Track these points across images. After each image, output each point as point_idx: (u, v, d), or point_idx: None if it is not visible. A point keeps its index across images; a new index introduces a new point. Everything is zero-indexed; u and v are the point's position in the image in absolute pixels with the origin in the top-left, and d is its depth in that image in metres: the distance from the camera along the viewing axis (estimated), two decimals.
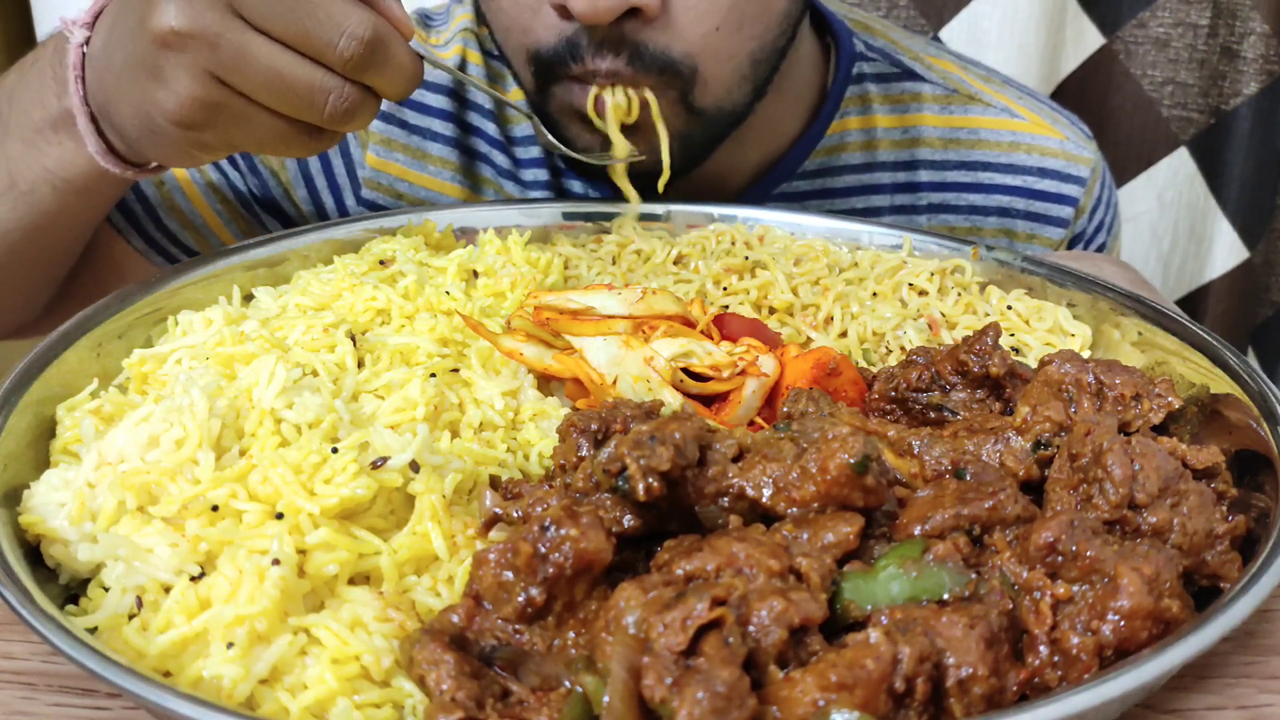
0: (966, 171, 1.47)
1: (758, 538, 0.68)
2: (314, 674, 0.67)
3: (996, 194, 1.47)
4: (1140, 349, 1.04)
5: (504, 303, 1.07)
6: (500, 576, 0.68)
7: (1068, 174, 1.47)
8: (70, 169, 1.07)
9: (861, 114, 1.46)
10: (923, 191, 1.48)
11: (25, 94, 1.07)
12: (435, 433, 0.84)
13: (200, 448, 0.76)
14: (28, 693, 0.72)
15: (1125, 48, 2.11)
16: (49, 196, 1.09)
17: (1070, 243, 1.51)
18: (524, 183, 1.46)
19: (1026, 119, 1.48)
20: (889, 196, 1.47)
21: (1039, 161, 1.47)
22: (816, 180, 1.45)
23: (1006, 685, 0.63)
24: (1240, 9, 2.04)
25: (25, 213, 1.10)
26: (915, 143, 1.47)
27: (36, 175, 1.08)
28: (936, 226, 1.47)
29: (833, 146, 1.45)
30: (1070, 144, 1.48)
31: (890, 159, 1.46)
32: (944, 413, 0.91)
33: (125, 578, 0.71)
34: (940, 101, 1.47)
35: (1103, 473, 0.73)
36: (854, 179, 1.46)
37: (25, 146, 1.07)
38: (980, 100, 1.48)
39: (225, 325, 0.95)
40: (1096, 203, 1.51)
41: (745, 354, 0.96)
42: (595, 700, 0.61)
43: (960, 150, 1.47)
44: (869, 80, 1.46)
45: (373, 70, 0.89)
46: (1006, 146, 1.47)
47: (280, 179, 1.45)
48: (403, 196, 1.46)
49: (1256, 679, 0.74)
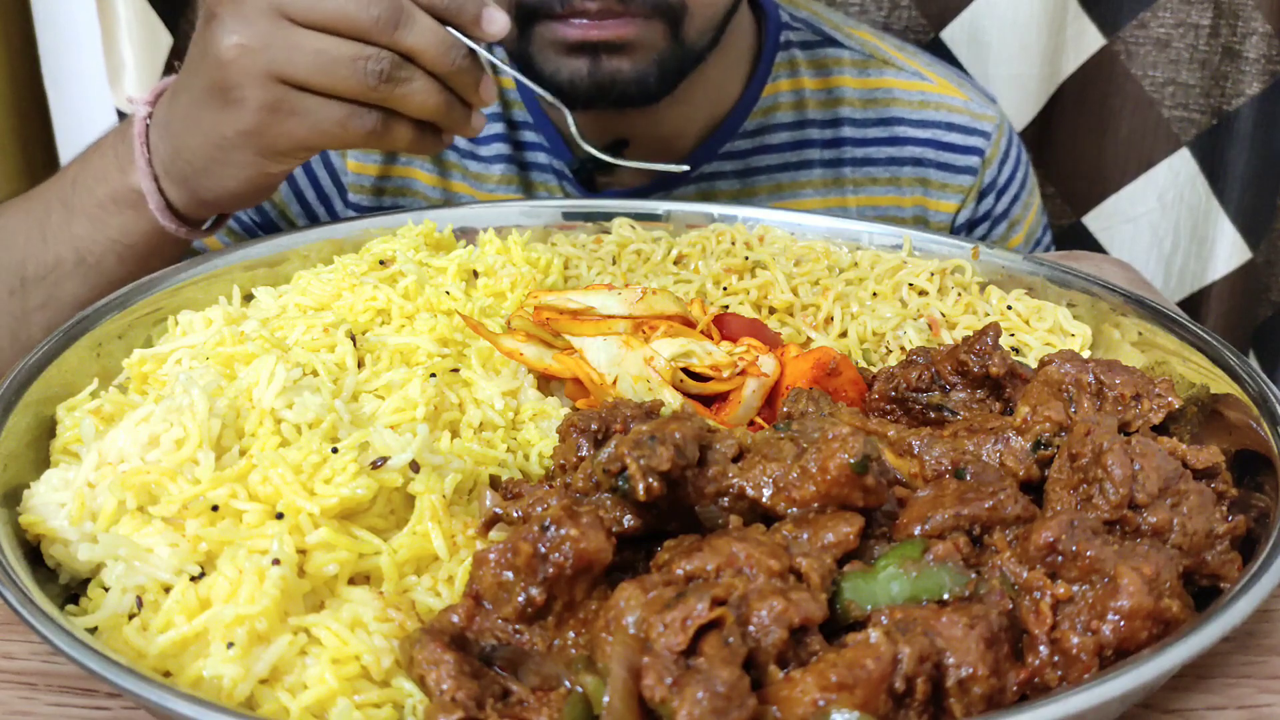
0: (884, 127, 1.62)
1: (758, 538, 0.68)
2: (314, 674, 0.67)
3: (910, 146, 1.62)
4: (1140, 349, 1.04)
5: (504, 303, 1.07)
6: (500, 576, 0.68)
7: (973, 128, 1.62)
8: (133, 235, 1.17)
9: (791, 77, 1.60)
10: (847, 146, 1.62)
11: (88, 176, 1.19)
12: (435, 433, 0.84)
13: (200, 448, 0.76)
14: (28, 693, 0.72)
15: (1126, 48, 2.11)
16: (115, 265, 1.19)
17: (982, 193, 1.64)
18: (483, 159, 1.58)
19: (934, 81, 1.64)
20: (819, 150, 1.61)
21: (946, 117, 1.62)
22: (756, 138, 1.59)
23: (1006, 685, 0.63)
24: (1242, 9, 2.04)
25: (95, 282, 1.20)
26: (838, 102, 1.62)
27: (103, 247, 1.18)
28: (861, 179, 1.63)
29: (768, 107, 1.59)
30: (974, 104, 1.63)
31: (818, 117, 1.61)
32: (944, 413, 0.91)
33: (125, 578, 0.71)
34: (858, 65, 1.62)
35: (1103, 473, 0.73)
36: (788, 135, 1.60)
37: (91, 223, 1.18)
38: (893, 65, 1.63)
39: (225, 325, 0.95)
40: (1004, 156, 1.65)
41: (745, 354, 0.96)
42: (595, 700, 0.61)
43: (877, 109, 1.62)
44: (795, 47, 1.61)
45: (402, 30, 0.97)
46: (917, 105, 1.62)
47: (276, 202, 1.58)
48: (383, 190, 1.59)
49: (1256, 679, 0.74)
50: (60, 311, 1.22)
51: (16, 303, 1.23)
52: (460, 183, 1.59)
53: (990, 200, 1.64)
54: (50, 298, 1.22)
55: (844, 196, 1.61)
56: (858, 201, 1.62)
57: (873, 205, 1.62)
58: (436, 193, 1.59)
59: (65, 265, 1.20)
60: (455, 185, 1.59)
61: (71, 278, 1.20)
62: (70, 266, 1.20)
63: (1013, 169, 1.66)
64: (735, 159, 1.58)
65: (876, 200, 1.62)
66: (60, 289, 1.22)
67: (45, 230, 1.21)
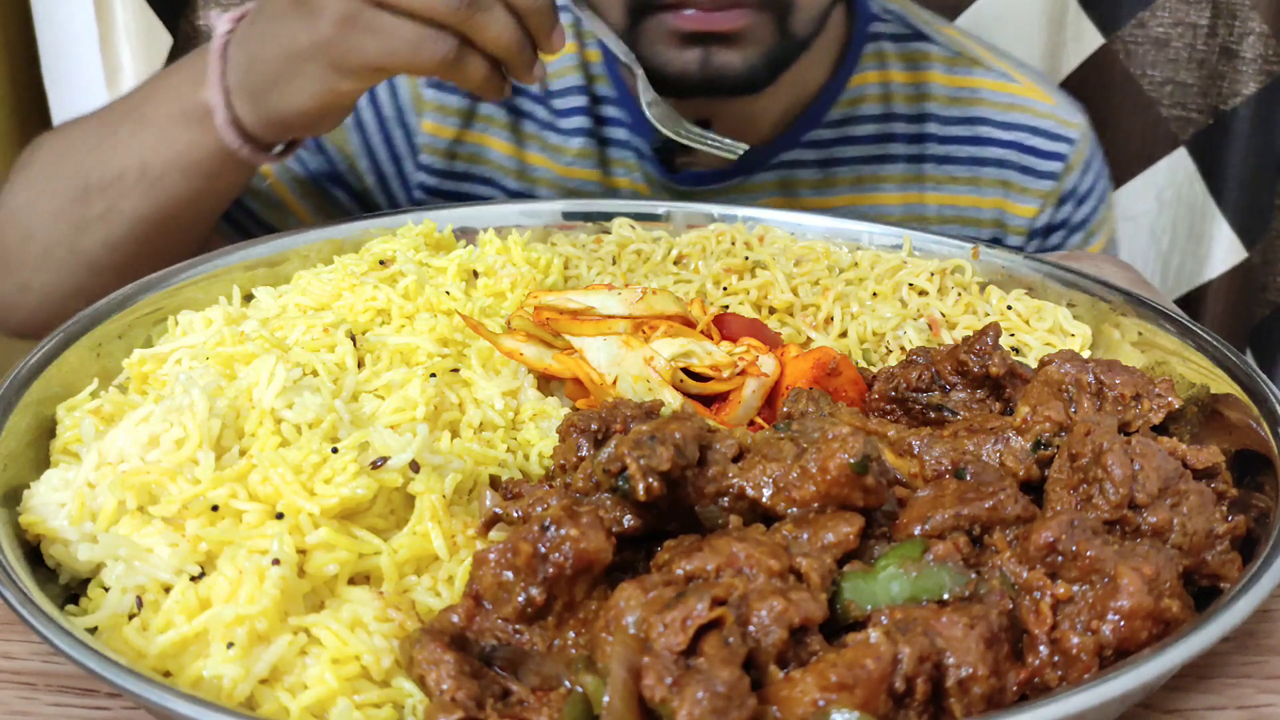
0: (968, 126, 1.60)
1: (758, 538, 0.68)
2: (314, 674, 0.67)
3: (993, 147, 1.60)
4: (1140, 349, 1.04)
5: (504, 303, 1.07)
6: (500, 576, 0.68)
7: (1058, 134, 1.60)
8: (198, 151, 1.18)
9: (879, 69, 1.59)
10: (930, 143, 1.60)
11: (161, 91, 1.21)
12: (435, 433, 0.84)
13: (200, 448, 0.76)
14: (28, 693, 0.72)
15: (1125, 48, 2.11)
16: (178, 181, 1.20)
17: (1061, 199, 1.62)
18: (563, 131, 1.57)
19: (1022, 83, 1.62)
20: (903, 145, 1.60)
21: (1032, 121, 1.60)
22: (840, 128, 1.58)
23: (1006, 685, 0.63)
24: (1239, 9, 2.04)
25: (155, 198, 1.21)
26: (925, 98, 1.60)
27: (167, 161, 1.19)
28: (941, 177, 1.61)
29: (854, 98, 1.58)
30: (1060, 109, 1.62)
31: (904, 112, 1.60)
32: (944, 413, 0.91)
33: (125, 578, 0.71)
34: (947, 62, 1.61)
35: (1103, 473, 0.73)
36: (873, 128, 1.59)
37: (159, 136, 1.19)
38: (982, 64, 1.62)
39: (225, 325, 0.95)
40: (1086, 165, 1.63)
41: (745, 354, 0.96)
42: (595, 700, 0.61)
43: (963, 107, 1.61)
44: (885, 39, 1.60)
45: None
46: (1004, 106, 1.61)
47: (345, 153, 1.56)
48: (456, 156, 1.58)
49: (1256, 679, 0.74)
50: (119, 226, 1.23)
51: (77, 210, 1.23)
52: (537, 154, 1.58)
53: (1069, 207, 1.63)
54: (111, 209, 1.22)
55: (923, 193, 1.61)
56: (937, 199, 1.61)
57: (952, 204, 1.61)
58: (511, 162, 1.58)
59: (128, 178, 1.20)
60: (531, 156, 1.59)
61: (134, 191, 1.21)
62: (133, 179, 1.20)
63: (1094, 179, 1.65)
64: (817, 148, 1.58)
65: (956, 200, 1.61)
66: (122, 201, 1.22)
67: (113, 140, 1.22)
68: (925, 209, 1.61)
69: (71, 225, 1.24)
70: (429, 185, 1.59)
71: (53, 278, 1.29)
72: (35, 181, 1.29)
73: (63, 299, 1.26)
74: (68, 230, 1.24)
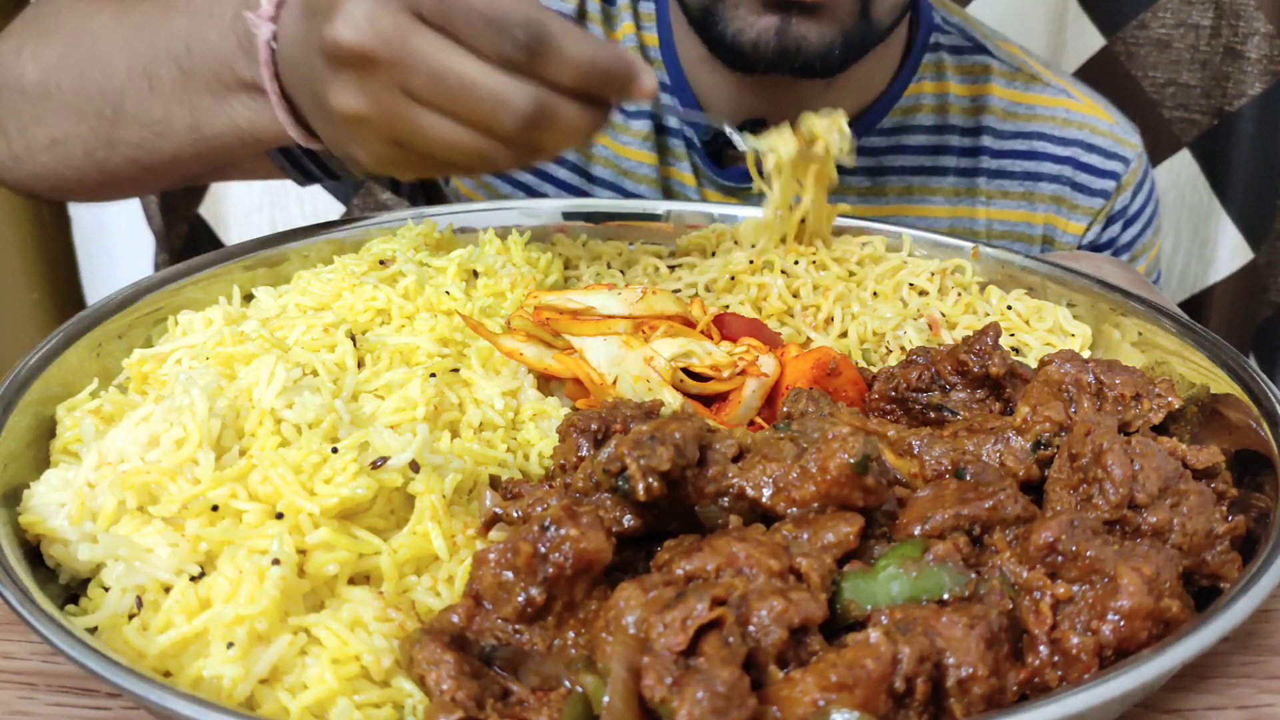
0: (1024, 141, 1.59)
1: (758, 538, 0.68)
2: (314, 674, 0.67)
3: (1048, 163, 1.59)
4: (1140, 349, 1.04)
5: (504, 303, 1.07)
6: (500, 576, 0.68)
7: (1113, 152, 1.59)
8: (260, 129, 1.10)
9: (936, 79, 1.57)
10: (984, 156, 1.59)
11: (206, 50, 1.08)
12: (435, 433, 0.84)
13: (200, 448, 0.76)
14: (28, 693, 0.72)
15: (1126, 49, 2.11)
16: (234, 146, 1.13)
17: (1110, 219, 1.61)
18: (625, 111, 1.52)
19: (1081, 101, 1.62)
20: (955, 158, 1.58)
21: (1089, 138, 1.59)
22: (893, 137, 1.56)
23: (1006, 685, 0.63)
24: (1243, 9, 2.04)
25: (204, 150, 1.15)
26: (982, 110, 1.59)
27: (225, 128, 1.11)
28: (994, 191, 1.59)
29: (909, 107, 1.56)
30: (1118, 129, 1.61)
31: (960, 124, 1.58)
32: (944, 413, 0.91)
33: (125, 578, 0.71)
34: (1006, 77, 1.60)
35: (1103, 473, 0.73)
36: (926, 139, 1.58)
37: (215, 100, 1.10)
38: (1041, 80, 1.61)
39: (225, 325, 0.95)
40: (1139, 186, 1.62)
41: (745, 354, 0.96)
42: (595, 700, 0.61)
43: (1020, 122, 1.60)
44: (944, 50, 1.59)
45: (539, 131, 0.88)
46: (1061, 122, 1.60)
47: None
48: None
49: (1256, 679, 0.74)
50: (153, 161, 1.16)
51: (106, 127, 1.15)
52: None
53: (1117, 228, 1.62)
54: (149, 146, 1.15)
55: (974, 207, 1.59)
56: (987, 214, 1.59)
57: (1002, 219, 1.60)
58: None
59: (176, 125, 1.13)
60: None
61: (180, 140, 1.13)
62: (181, 131, 1.13)
63: (1144, 201, 1.64)
64: (869, 155, 1.55)
65: (1007, 215, 1.60)
66: (163, 142, 1.14)
67: (154, 79, 1.12)
68: (975, 223, 1.59)
69: (99, 140, 1.16)
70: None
71: (54, 164, 1.20)
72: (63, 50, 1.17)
73: (58, 178, 1.21)
74: (93, 144, 1.16)
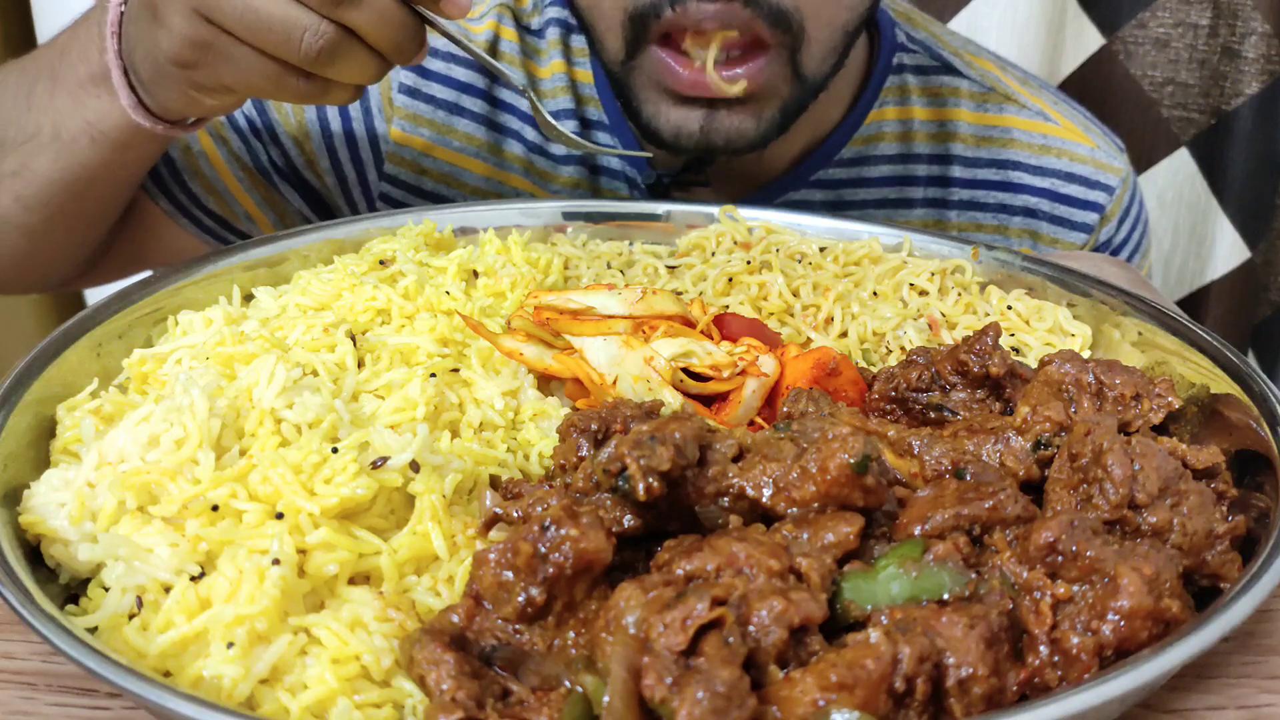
0: (997, 170, 1.48)
1: (758, 538, 0.68)
2: (314, 674, 0.67)
3: (1024, 194, 1.48)
4: (1140, 349, 1.04)
5: (504, 303, 1.07)
6: (500, 576, 0.68)
7: (1096, 181, 1.48)
8: (107, 121, 1.12)
9: (900, 105, 1.46)
10: (954, 187, 1.48)
11: (74, 50, 1.13)
12: (435, 433, 0.84)
13: (200, 448, 0.76)
14: (28, 693, 0.72)
15: (1125, 48, 2.11)
16: (88, 149, 1.15)
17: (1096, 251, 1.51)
18: (554, 157, 1.44)
19: (1060, 124, 1.49)
20: (922, 189, 1.47)
21: (1068, 166, 1.47)
22: (853, 169, 1.45)
23: (1006, 685, 0.63)
24: (1241, 9, 2.04)
25: (66, 164, 1.16)
26: (950, 137, 1.47)
27: (77, 127, 1.14)
28: (965, 224, 1.49)
29: (870, 136, 1.45)
30: (1101, 153, 1.49)
31: (925, 152, 1.47)
32: (944, 413, 0.91)
33: (125, 578, 0.71)
34: (976, 99, 1.48)
35: (1103, 473, 0.73)
36: (889, 169, 1.46)
37: (70, 99, 1.13)
38: (1016, 101, 1.49)
39: (225, 325, 0.95)
40: (1124, 214, 1.51)
41: (745, 354, 0.96)
42: (595, 700, 0.61)
43: (992, 149, 1.48)
44: (909, 71, 1.47)
45: (347, 7, 0.89)
46: (1038, 149, 1.48)
47: (304, 149, 1.45)
48: (426, 172, 1.46)
49: (1256, 679, 0.74)
50: (31, 185, 1.18)
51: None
52: (521, 179, 1.45)
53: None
54: (23, 167, 1.18)
55: None
56: None
57: None
58: (489, 185, 1.44)
59: (42, 137, 1.15)
60: (514, 180, 1.45)
61: (45, 151, 1.16)
62: (46, 139, 1.15)
63: (1130, 228, 1.52)
64: (827, 188, 1.45)
65: None
66: (34, 160, 1.17)
67: (31, 97, 1.16)
68: None
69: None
70: (394, 198, 1.46)
71: None
72: None
73: None
74: None
